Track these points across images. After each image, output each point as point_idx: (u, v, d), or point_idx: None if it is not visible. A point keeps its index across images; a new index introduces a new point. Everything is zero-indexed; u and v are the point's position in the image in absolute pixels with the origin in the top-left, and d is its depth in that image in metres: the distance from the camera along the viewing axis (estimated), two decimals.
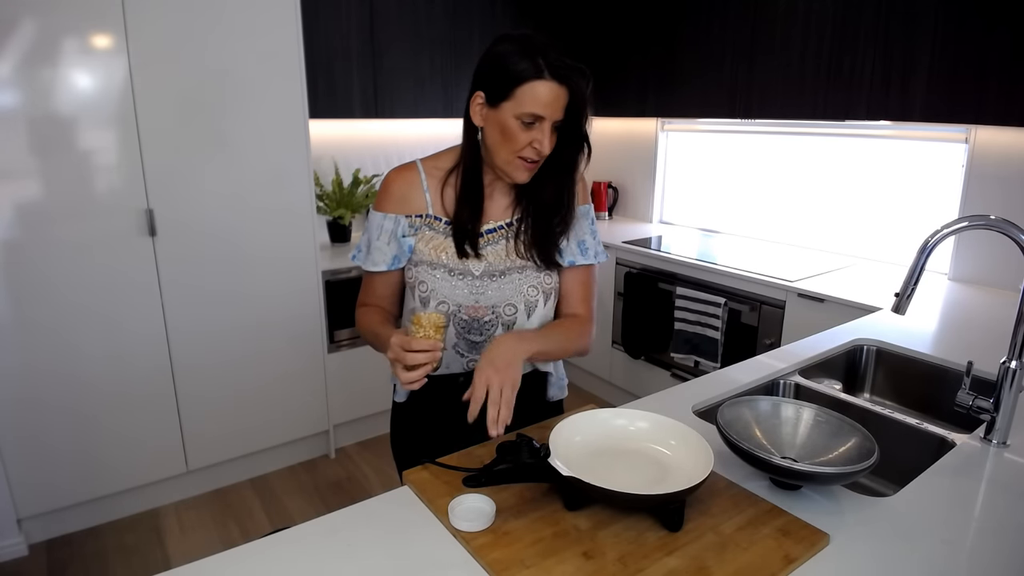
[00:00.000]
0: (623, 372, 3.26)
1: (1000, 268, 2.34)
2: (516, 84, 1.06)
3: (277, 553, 0.89)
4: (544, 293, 1.23)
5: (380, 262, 1.21)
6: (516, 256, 1.20)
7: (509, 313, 1.21)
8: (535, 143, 1.09)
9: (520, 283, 1.21)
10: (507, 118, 1.08)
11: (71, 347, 2.19)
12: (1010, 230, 1.13)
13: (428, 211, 1.20)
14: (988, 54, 2.02)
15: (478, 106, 1.13)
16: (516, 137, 1.09)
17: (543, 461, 0.94)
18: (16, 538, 2.20)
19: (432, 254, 1.19)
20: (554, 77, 1.05)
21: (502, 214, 1.23)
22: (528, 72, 1.05)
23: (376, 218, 1.21)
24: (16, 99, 1.99)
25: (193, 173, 2.32)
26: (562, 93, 1.07)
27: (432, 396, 1.25)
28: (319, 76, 2.72)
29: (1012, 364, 1.15)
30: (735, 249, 3.06)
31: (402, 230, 1.20)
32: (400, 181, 1.21)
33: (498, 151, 1.12)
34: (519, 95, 1.06)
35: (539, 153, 1.10)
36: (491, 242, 1.21)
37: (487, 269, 1.19)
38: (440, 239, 1.20)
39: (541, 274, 1.22)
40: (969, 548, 0.92)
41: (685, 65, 3.03)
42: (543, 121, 1.08)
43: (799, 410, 1.14)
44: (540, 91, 1.05)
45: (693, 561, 0.84)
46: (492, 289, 1.19)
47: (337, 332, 2.81)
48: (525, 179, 1.15)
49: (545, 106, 1.06)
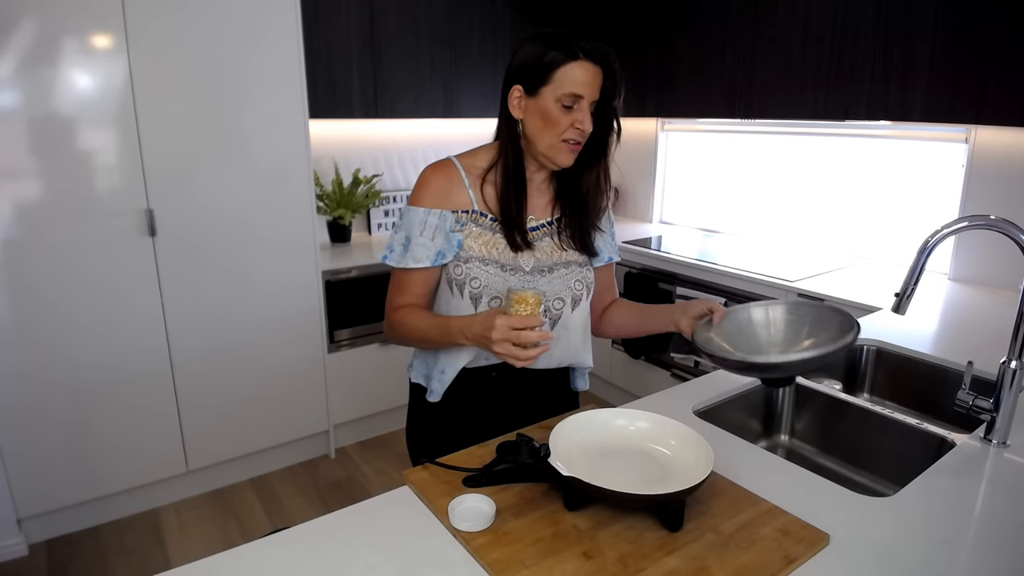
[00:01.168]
0: (623, 372, 3.26)
1: (1000, 268, 2.34)
2: (554, 68, 1.11)
3: (277, 553, 0.88)
4: (587, 287, 1.27)
5: (423, 258, 1.18)
6: (563, 249, 1.24)
7: (557, 307, 1.24)
8: (577, 123, 1.12)
9: (568, 277, 1.24)
10: (547, 103, 1.12)
11: (71, 347, 2.19)
12: (1010, 230, 1.13)
13: (473, 207, 1.20)
14: (988, 56, 2.02)
15: (516, 99, 1.16)
16: (558, 120, 1.12)
17: (543, 461, 0.94)
18: (16, 538, 2.20)
19: (483, 250, 1.19)
20: (588, 57, 1.11)
21: (542, 212, 1.25)
22: (564, 55, 1.10)
23: (418, 214, 1.19)
24: (16, 99, 1.99)
25: (193, 173, 2.33)
26: (597, 73, 1.12)
27: (465, 390, 1.26)
28: (319, 76, 2.72)
29: (1012, 364, 1.15)
30: (735, 249, 3.05)
31: (450, 225, 1.19)
32: (440, 176, 1.20)
33: (541, 138, 1.15)
34: (557, 78, 1.11)
35: (582, 133, 1.14)
36: (537, 239, 1.23)
37: (537, 264, 1.22)
38: (488, 235, 1.20)
39: (584, 269, 1.26)
40: (969, 548, 0.92)
41: (685, 65, 3.03)
42: (582, 101, 1.12)
43: (767, 310, 1.21)
44: (577, 72, 1.10)
45: (693, 561, 0.84)
46: (543, 283, 1.22)
47: (337, 332, 2.81)
48: (569, 162, 1.17)
49: (583, 85, 1.11)
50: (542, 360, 1.25)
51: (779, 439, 1.53)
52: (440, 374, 1.25)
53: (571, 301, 1.25)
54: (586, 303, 1.28)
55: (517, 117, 1.17)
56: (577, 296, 1.25)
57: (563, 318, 1.25)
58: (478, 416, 1.26)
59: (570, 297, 1.24)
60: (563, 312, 1.24)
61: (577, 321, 1.27)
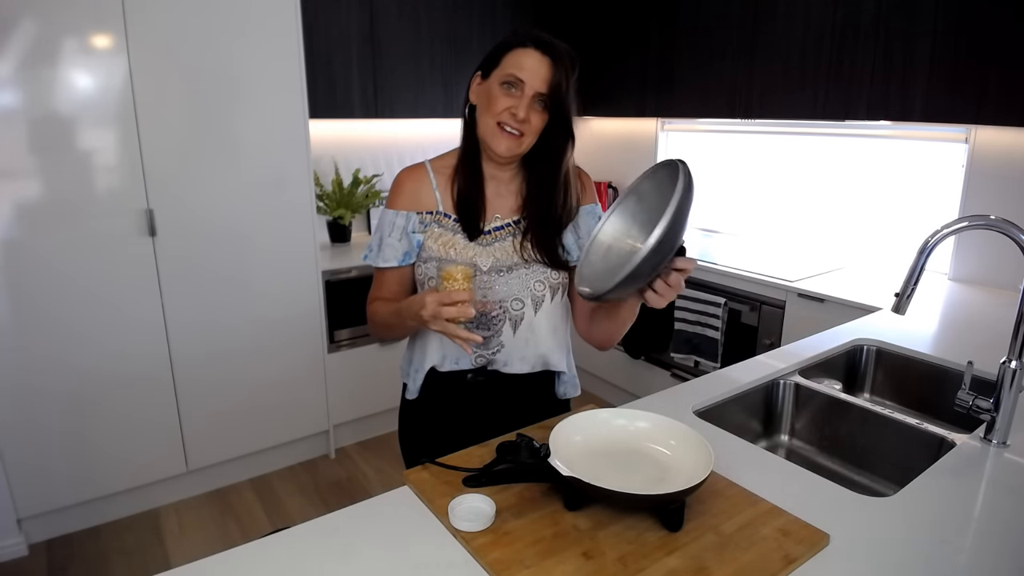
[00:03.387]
0: (623, 372, 3.26)
1: (1000, 268, 2.34)
2: (504, 52, 1.15)
3: (277, 553, 0.88)
4: (551, 288, 1.24)
5: (391, 258, 1.23)
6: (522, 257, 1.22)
7: (516, 308, 1.22)
8: (512, 108, 1.13)
9: (527, 278, 1.22)
10: (493, 85, 1.15)
11: (71, 347, 2.19)
12: (1010, 230, 1.13)
13: (438, 208, 1.23)
14: (988, 55, 2.02)
15: (475, 85, 1.20)
16: (497, 101, 1.14)
17: (543, 461, 0.94)
18: (16, 538, 2.20)
19: (441, 250, 1.21)
20: (536, 46, 1.13)
21: (508, 213, 1.25)
22: (514, 42, 1.15)
23: (388, 216, 1.24)
24: (16, 99, 1.99)
25: (193, 173, 2.33)
26: (544, 63, 1.13)
27: (442, 392, 1.28)
28: (319, 76, 2.72)
29: (1012, 364, 1.15)
30: (735, 249, 3.05)
31: (412, 226, 1.23)
32: (410, 180, 1.25)
33: (483, 120, 1.17)
34: (504, 61, 1.15)
35: (515, 118, 1.13)
36: (499, 239, 1.23)
37: (495, 264, 1.21)
38: (449, 235, 1.22)
39: (549, 270, 1.24)
40: (969, 548, 0.92)
41: (685, 65, 3.03)
42: (523, 87, 1.13)
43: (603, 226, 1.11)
44: (523, 57, 1.13)
45: (693, 561, 0.84)
46: (500, 284, 1.21)
47: (337, 332, 2.81)
48: (502, 150, 1.16)
49: (525, 70, 1.12)
50: (514, 364, 1.24)
51: (779, 439, 1.53)
52: (415, 372, 1.29)
53: (532, 302, 1.22)
54: (555, 304, 1.25)
55: (473, 101, 1.21)
56: (538, 297, 1.23)
57: (526, 320, 1.23)
58: (457, 418, 1.27)
59: (530, 298, 1.22)
60: (524, 313, 1.22)
61: (543, 324, 1.24)
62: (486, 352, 1.24)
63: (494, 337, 1.23)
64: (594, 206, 1.29)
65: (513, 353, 1.24)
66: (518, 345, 1.24)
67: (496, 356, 1.24)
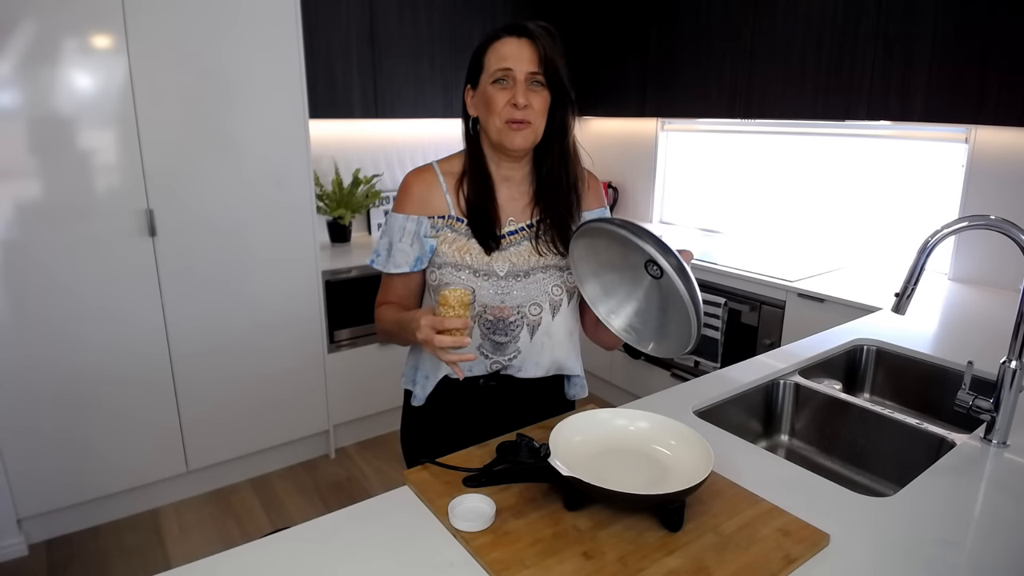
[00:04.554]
0: (623, 372, 3.26)
1: (1000, 268, 2.34)
2: (483, 54, 1.16)
3: (277, 553, 0.88)
4: (568, 292, 1.24)
5: (403, 264, 1.21)
6: (540, 255, 1.21)
7: (534, 313, 1.21)
8: (511, 100, 1.12)
9: (545, 282, 1.21)
10: (485, 88, 1.15)
11: (71, 347, 2.19)
12: (1010, 230, 1.13)
13: (450, 212, 1.21)
14: (988, 55, 2.02)
15: (469, 99, 1.21)
16: (495, 100, 1.13)
17: (543, 461, 0.94)
18: (16, 538, 2.20)
19: (456, 255, 1.19)
20: (510, 33, 1.14)
21: (521, 215, 1.23)
22: (488, 40, 1.16)
23: (397, 220, 1.21)
24: (16, 99, 1.99)
25: (193, 173, 2.32)
26: (523, 44, 1.13)
27: (452, 397, 1.25)
28: (319, 76, 2.72)
29: (1012, 364, 1.15)
30: (735, 249, 3.05)
31: (424, 231, 1.20)
32: (420, 183, 1.22)
33: (489, 125, 1.16)
34: (487, 62, 1.15)
35: (518, 107, 1.12)
36: (514, 243, 1.21)
37: (512, 269, 1.20)
38: (463, 240, 1.20)
39: (565, 273, 1.23)
40: (969, 548, 0.92)
41: (685, 65, 3.03)
42: (512, 74, 1.12)
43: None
44: (501, 48, 1.14)
45: (693, 561, 0.84)
46: (517, 289, 1.20)
47: (337, 332, 2.81)
48: (519, 144, 1.15)
49: (508, 58, 1.12)
50: (528, 369, 1.23)
51: (779, 439, 1.53)
52: (424, 379, 1.26)
53: (550, 307, 1.22)
54: (571, 307, 1.25)
55: (472, 114, 1.21)
56: (557, 301, 1.22)
57: (543, 324, 1.22)
58: (466, 423, 1.24)
59: (548, 302, 1.21)
60: (542, 318, 1.21)
61: (560, 328, 1.24)
62: (502, 358, 1.22)
63: (511, 343, 1.21)
64: (602, 210, 1.30)
65: (528, 358, 1.23)
66: (535, 350, 1.22)
67: (512, 362, 1.22)
